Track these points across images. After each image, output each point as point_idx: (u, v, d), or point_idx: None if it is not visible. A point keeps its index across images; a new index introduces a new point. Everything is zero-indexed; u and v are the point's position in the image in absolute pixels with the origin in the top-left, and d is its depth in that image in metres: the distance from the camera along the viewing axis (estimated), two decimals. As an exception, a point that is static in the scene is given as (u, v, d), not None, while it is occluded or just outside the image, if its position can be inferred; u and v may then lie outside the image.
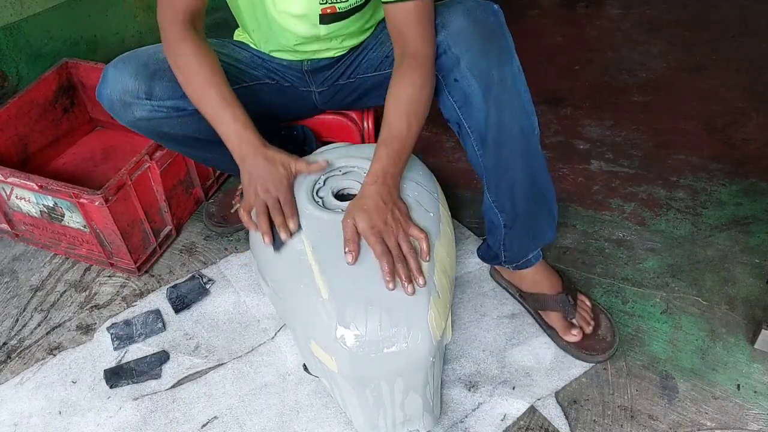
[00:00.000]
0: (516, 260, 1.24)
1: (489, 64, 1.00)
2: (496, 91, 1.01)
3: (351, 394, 1.01)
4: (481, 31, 1.00)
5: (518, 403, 1.14)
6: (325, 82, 1.27)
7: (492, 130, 1.05)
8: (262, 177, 1.04)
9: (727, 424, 1.11)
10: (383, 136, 1.02)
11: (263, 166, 1.04)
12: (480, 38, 1.00)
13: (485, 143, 1.07)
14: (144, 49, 1.15)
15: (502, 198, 1.14)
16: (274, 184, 1.03)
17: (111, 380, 1.21)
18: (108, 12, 2.05)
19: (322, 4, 1.09)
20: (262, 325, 1.30)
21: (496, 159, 1.09)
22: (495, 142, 1.06)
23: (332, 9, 1.10)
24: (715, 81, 1.99)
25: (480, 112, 1.04)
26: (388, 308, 0.93)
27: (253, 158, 1.04)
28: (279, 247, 1.03)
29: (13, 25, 1.76)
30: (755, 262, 1.39)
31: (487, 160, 1.09)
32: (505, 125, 1.04)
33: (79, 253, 1.45)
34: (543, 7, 2.49)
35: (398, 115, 1.02)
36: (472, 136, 1.08)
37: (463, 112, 1.06)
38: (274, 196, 1.03)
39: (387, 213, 0.97)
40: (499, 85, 1.01)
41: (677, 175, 1.64)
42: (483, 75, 1.00)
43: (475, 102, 1.03)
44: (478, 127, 1.06)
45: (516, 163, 1.09)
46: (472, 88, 1.02)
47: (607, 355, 1.21)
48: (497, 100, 1.02)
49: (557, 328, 1.23)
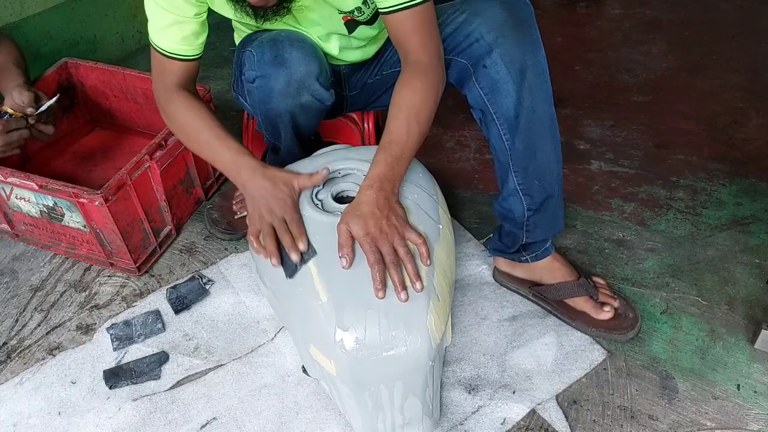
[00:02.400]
0: (537, 249, 1.26)
1: (523, 50, 1.05)
2: (530, 76, 1.06)
3: (350, 398, 1.01)
4: (516, 20, 1.05)
5: (518, 407, 1.14)
6: (357, 84, 1.30)
7: (525, 113, 1.09)
8: (265, 198, 1.04)
9: (727, 424, 1.11)
10: (383, 141, 1.03)
11: (264, 188, 1.04)
12: (514, 27, 1.05)
13: (515, 127, 1.10)
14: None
15: (530, 181, 1.16)
16: (278, 204, 1.03)
17: (110, 381, 1.21)
18: (108, 12, 2.05)
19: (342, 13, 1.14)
20: (261, 326, 1.30)
21: (528, 142, 1.12)
22: (527, 125, 1.10)
23: (352, 19, 1.15)
24: (715, 81, 1.99)
25: (508, 97, 1.07)
26: (388, 311, 0.92)
27: (252, 181, 1.06)
28: (292, 274, 0.99)
29: (13, 25, 1.76)
30: (755, 262, 1.39)
31: (517, 143, 1.12)
32: (538, 109, 1.09)
33: (79, 253, 1.45)
34: (543, 7, 2.49)
35: (398, 120, 1.02)
36: (498, 121, 1.11)
37: (489, 98, 1.09)
38: (280, 216, 1.02)
39: (382, 219, 0.96)
40: (532, 70, 1.06)
41: (677, 175, 1.64)
42: (516, 61, 1.05)
43: (503, 88, 1.07)
44: (505, 113, 1.09)
45: (547, 146, 1.13)
46: (501, 74, 1.06)
47: (637, 329, 1.24)
48: (531, 85, 1.07)
49: (588, 310, 1.24)
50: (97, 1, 2.00)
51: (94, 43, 2.02)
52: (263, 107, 1.17)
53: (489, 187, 1.62)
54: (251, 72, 1.13)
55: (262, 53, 1.11)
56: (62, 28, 1.88)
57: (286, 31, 1.15)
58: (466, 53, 1.08)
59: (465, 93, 1.14)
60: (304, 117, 1.20)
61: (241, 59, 1.17)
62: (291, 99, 1.14)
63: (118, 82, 1.66)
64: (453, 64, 1.11)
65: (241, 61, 1.17)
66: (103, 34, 2.05)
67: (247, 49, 1.14)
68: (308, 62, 1.11)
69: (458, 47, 1.09)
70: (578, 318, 1.25)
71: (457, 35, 1.09)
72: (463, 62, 1.09)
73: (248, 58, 1.13)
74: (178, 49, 1.13)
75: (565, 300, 1.26)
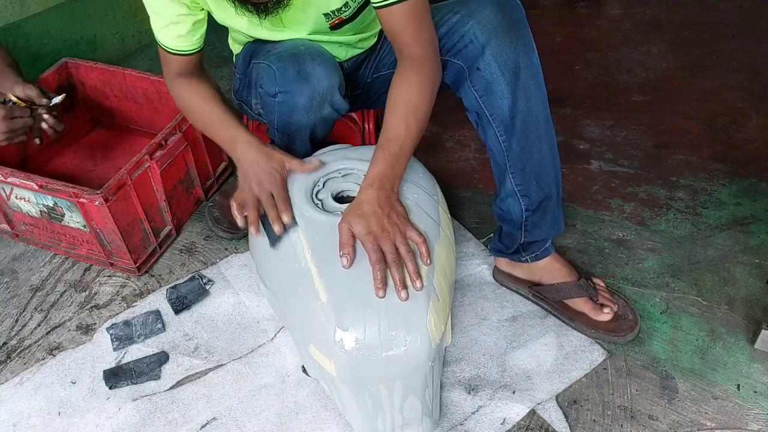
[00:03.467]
0: (536, 249, 1.26)
1: (516, 52, 1.05)
2: (524, 77, 1.06)
3: (350, 398, 1.01)
4: (509, 21, 1.05)
5: (518, 407, 1.14)
6: (359, 83, 1.30)
7: (520, 115, 1.09)
8: (256, 172, 1.08)
9: (727, 424, 1.11)
10: (381, 139, 1.02)
11: (257, 162, 1.09)
12: (507, 28, 1.05)
13: (510, 129, 1.10)
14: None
15: (527, 181, 1.16)
16: (268, 179, 1.07)
17: (110, 381, 1.21)
18: (108, 12, 2.05)
19: (328, 20, 1.13)
20: (261, 326, 1.30)
21: (524, 143, 1.11)
22: (523, 126, 1.10)
23: (339, 20, 1.15)
24: (715, 81, 1.99)
25: (503, 99, 1.07)
26: (387, 311, 0.92)
27: (246, 155, 1.11)
28: (275, 243, 1.04)
29: (13, 25, 1.76)
30: (755, 262, 1.39)
31: (513, 144, 1.12)
32: (533, 110, 1.09)
33: (79, 253, 1.45)
34: (543, 7, 2.49)
35: (395, 117, 1.02)
36: (494, 123, 1.11)
37: (484, 101, 1.09)
38: (267, 190, 1.07)
39: (383, 217, 0.97)
40: (526, 72, 1.06)
41: (677, 175, 1.64)
42: (509, 63, 1.05)
43: (498, 90, 1.07)
44: (500, 115, 1.09)
45: (543, 147, 1.13)
46: (495, 76, 1.06)
47: (636, 331, 1.23)
48: (525, 86, 1.07)
49: (587, 311, 1.24)
50: (97, 1, 2.00)
51: (94, 43, 2.02)
52: (284, 121, 1.17)
53: (489, 187, 1.62)
54: (272, 87, 1.13)
55: (284, 68, 1.10)
56: (62, 28, 1.88)
57: (302, 42, 1.15)
58: (462, 55, 1.08)
59: (460, 96, 1.14)
60: (322, 127, 1.21)
61: (257, 72, 1.17)
62: (314, 113, 1.15)
63: (118, 82, 1.66)
64: (449, 65, 1.11)
65: (256, 74, 1.17)
66: (103, 34, 2.05)
67: (263, 63, 1.14)
68: (330, 76, 1.12)
69: (454, 48, 1.09)
70: (578, 319, 1.25)
71: (452, 36, 1.09)
72: (459, 64, 1.09)
73: (267, 72, 1.13)
74: (177, 45, 1.17)
75: (565, 301, 1.26)
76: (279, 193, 1.06)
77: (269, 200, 1.06)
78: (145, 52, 2.23)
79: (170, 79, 1.23)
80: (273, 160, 1.09)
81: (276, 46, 1.15)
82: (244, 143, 1.12)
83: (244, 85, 1.27)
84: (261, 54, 1.17)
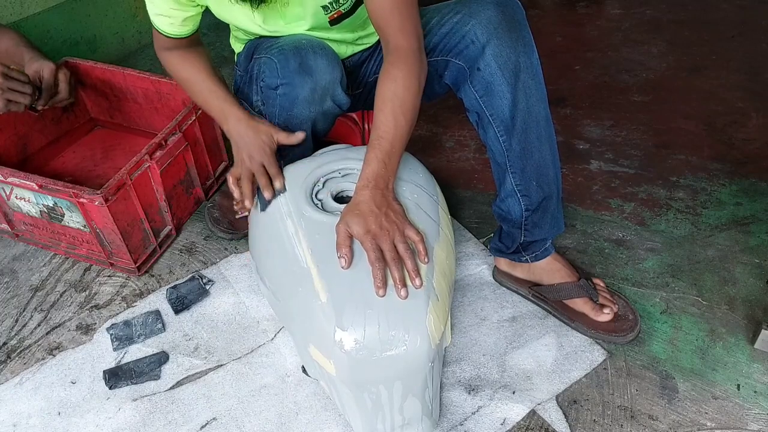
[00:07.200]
0: (536, 249, 1.26)
1: (516, 52, 1.06)
2: (524, 77, 1.07)
3: (349, 398, 1.01)
4: (509, 21, 1.06)
5: (518, 407, 1.14)
6: (361, 82, 1.30)
7: (520, 114, 1.09)
8: (247, 145, 1.14)
9: (727, 424, 1.11)
10: (371, 138, 1.02)
11: (247, 135, 1.14)
12: (508, 29, 1.05)
13: (511, 129, 1.11)
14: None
15: (527, 181, 1.16)
16: (258, 151, 1.13)
17: (110, 381, 1.21)
18: (108, 12, 2.05)
19: (327, 14, 1.13)
20: (261, 327, 1.30)
21: (524, 143, 1.12)
22: (523, 126, 1.10)
23: (337, 13, 1.14)
24: (715, 81, 1.99)
25: (503, 99, 1.08)
26: (387, 312, 0.92)
27: (236, 129, 1.16)
28: (264, 207, 1.11)
29: (13, 25, 1.76)
30: (755, 262, 1.39)
31: (513, 144, 1.12)
32: (533, 110, 1.10)
33: (79, 252, 1.45)
34: (543, 7, 2.49)
35: (383, 114, 1.02)
36: (494, 123, 1.12)
37: (484, 101, 1.10)
38: (258, 161, 1.12)
39: (381, 216, 0.97)
40: (526, 72, 1.07)
41: (677, 175, 1.64)
42: (509, 63, 1.06)
43: (498, 90, 1.08)
44: (500, 115, 1.10)
45: (543, 146, 1.14)
46: (495, 76, 1.07)
47: (636, 331, 1.23)
48: (525, 86, 1.08)
49: (587, 312, 1.24)
50: (97, 1, 2.00)
51: (94, 43, 2.02)
52: (285, 114, 1.17)
53: (489, 187, 1.62)
54: (273, 79, 1.13)
55: (285, 61, 1.10)
56: (62, 28, 1.88)
57: (305, 37, 1.15)
58: (463, 55, 1.08)
59: (461, 96, 1.14)
60: (323, 122, 1.21)
61: (258, 66, 1.16)
62: (315, 106, 1.15)
63: (118, 82, 1.66)
64: (451, 65, 1.11)
65: (258, 68, 1.16)
66: (103, 34, 2.05)
67: (264, 56, 1.14)
68: (332, 69, 1.12)
69: (455, 49, 1.09)
70: (578, 319, 1.25)
71: (453, 36, 1.09)
72: (460, 64, 1.10)
73: (268, 65, 1.13)
74: (171, 31, 1.21)
75: (565, 301, 1.26)
76: (270, 161, 1.12)
77: (260, 170, 1.12)
78: (145, 52, 2.23)
79: (160, 51, 1.26)
80: (261, 132, 1.14)
81: (278, 41, 1.15)
82: (234, 119, 1.16)
83: (245, 81, 1.27)
84: (263, 49, 1.17)
